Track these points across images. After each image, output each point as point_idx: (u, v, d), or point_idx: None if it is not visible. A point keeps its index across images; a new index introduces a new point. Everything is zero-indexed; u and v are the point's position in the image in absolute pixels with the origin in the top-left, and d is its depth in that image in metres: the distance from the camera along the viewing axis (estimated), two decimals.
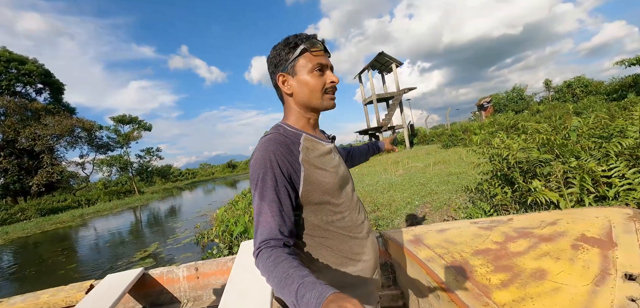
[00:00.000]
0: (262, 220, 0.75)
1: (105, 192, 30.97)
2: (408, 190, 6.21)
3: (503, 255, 1.30)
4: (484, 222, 1.72)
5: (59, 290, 2.29)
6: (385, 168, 10.53)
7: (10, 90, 29.58)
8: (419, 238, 1.66)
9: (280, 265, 0.65)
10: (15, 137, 27.22)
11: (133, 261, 6.21)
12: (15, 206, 24.23)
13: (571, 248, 1.23)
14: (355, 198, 0.96)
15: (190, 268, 2.43)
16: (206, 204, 14.94)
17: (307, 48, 0.85)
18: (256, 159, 0.80)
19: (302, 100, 0.89)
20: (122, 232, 11.26)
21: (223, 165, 77.75)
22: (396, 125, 25.85)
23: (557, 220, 1.51)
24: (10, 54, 29.33)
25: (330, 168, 0.87)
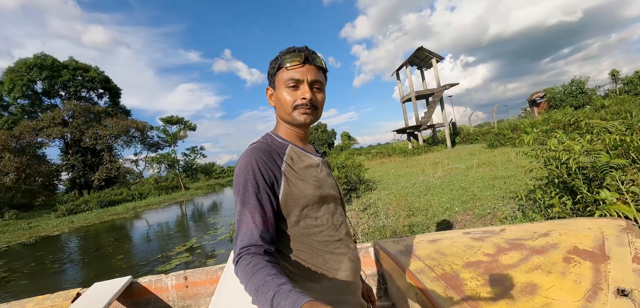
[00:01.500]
0: (243, 227, 0.76)
1: (155, 187, 33.41)
2: (447, 194, 5.76)
3: (494, 267, 1.28)
4: (477, 232, 1.70)
5: (45, 298, 2.26)
6: (423, 170, 9.96)
7: (77, 95, 33.36)
8: (410, 249, 1.64)
9: (259, 272, 0.66)
10: (81, 136, 30.47)
11: (172, 255, 6.49)
12: (80, 198, 27.08)
13: (563, 261, 1.21)
14: (340, 216, 0.95)
15: (179, 277, 2.39)
16: None
17: (281, 64, 0.87)
18: (239, 166, 0.81)
19: (280, 114, 0.92)
20: (169, 224, 12.12)
21: None
22: (436, 123, 24.56)
23: (550, 231, 1.49)
24: (77, 63, 33.04)
25: (312, 180, 0.87)
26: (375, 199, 6.58)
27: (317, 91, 0.90)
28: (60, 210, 22.74)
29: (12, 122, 29.80)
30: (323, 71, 0.93)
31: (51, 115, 29.48)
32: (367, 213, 5.53)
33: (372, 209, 5.81)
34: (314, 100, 0.88)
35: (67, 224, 17.33)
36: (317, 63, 0.90)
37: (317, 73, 0.90)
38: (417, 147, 23.07)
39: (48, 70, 30.82)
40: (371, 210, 5.70)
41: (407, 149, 23.77)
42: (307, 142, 1.01)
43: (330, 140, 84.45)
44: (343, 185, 6.90)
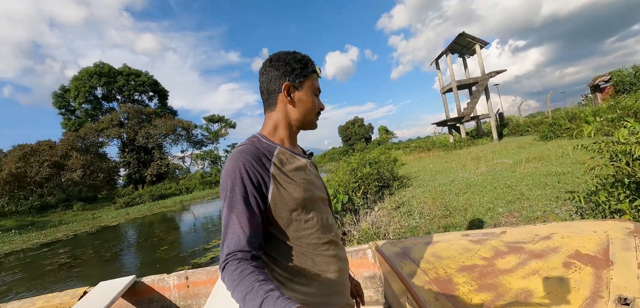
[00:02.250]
0: (230, 232, 0.75)
1: (201, 181, 35.51)
2: (490, 192, 5.23)
3: (489, 272, 1.25)
4: (477, 234, 1.65)
5: (54, 296, 2.35)
6: (463, 165, 9.27)
7: (131, 99, 36.71)
8: (407, 252, 1.61)
9: (246, 278, 0.66)
10: (134, 136, 33.39)
11: (208, 248, 6.75)
12: (135, 192, 29.69)
13: (563, 266, 1.16)
14: (328, 217, 0.95)
15: (181, 277, 2.44)
16: None
17: (316, 70, 0.94)
18: (226, 169, 0.79)
19: (297, 115, 0.92)
20: (213, 217, 12.86)
21: None
22: (481, 114, 22.87)
23: (552, 234, 1.44)
24: (129, 69, 36.35)
25: (301, 183, 0.87)
26: (409, 197, 6.22)
27: None
28: (119, 202, 25.14)
29: (78, 124, 33.60)
30: None
31: (110, 118, 32.68)
32: (399, 212, 5.23)
33: (405, 207, 5.48)
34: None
35: (124, 215, 19.08)
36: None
37: None
38: (459, 140, 21.70)
39: (106, 77, 34.28)
40: (404, 209, 5.38)
41: (448, 142, 22.47)
42: (296, 144, 1.01)
43: (367, 135, 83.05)
44: (375, 181, 6.60)
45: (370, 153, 8.69)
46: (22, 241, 13.63)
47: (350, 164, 6.97)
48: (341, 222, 5.50)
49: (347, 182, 6.16)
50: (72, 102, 34.89)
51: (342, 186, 6.07)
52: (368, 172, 6.61)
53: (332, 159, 69.36)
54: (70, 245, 11.16)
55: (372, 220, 5.35)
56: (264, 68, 0.93)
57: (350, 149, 72.76)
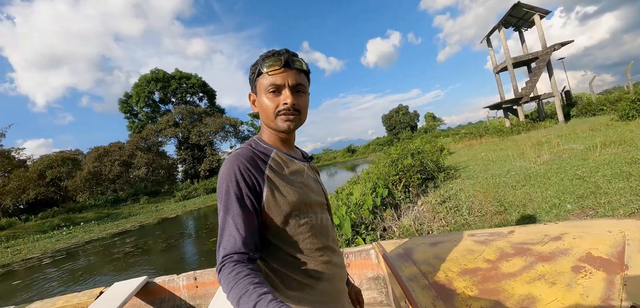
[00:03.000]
0: (226, 234, 0.76)
1: None
2: (556, 185, 4.51)
3: (492, 276, 1.17)
4: (483, 234, 1.59)
5: (73, 296, 2.48)
6: (521, 153, 8.25)
7: (183, 100, 39.70)
8: (409, 253, 1.57)
9: (241, 281, 0.66)
10: (188, 135, 36.06)
11: None
12: (191, 186, 32.11)
13: (572, 270, 1.07)
14: (325, 222, 0.94)
15: (190, 278, 2.51)
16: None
17: (261, 70, 0.86)
18: (222, 172, 0.80)
19: (263, 120, 0.90)
20: None
21: (343, 150, 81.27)
22: (543, 94, 20.38)
23: (563, 234, 1.35)
24: (181, 73, 39.37)
25: (297, 187, 0.86)
26: (456, 190, 5.69)
27: (299, 95, 0.87)
28: (177, 196, 27.46)
29: (140, 126, 37.33)
30: (305, 73, 0.90)
31: (166, 119, 35.72)
32: (445, 207, 4.79)
33: (452, 202, 5.02)
34: (296, 104, 0.86)
35: (181, 208, 20.77)
36: (298, 66, 0.87)
37: (299, 76, 0.87)
38: (516, 124, 19.63)
39: (161, 82, 37.58)
40: (451, 204, 4.92)
41: (503, 127, 20.48)
42: (293, 147, 0.99)
43: (412, 123, 79.69)
44: (418, 174, 6.16)
45: (412, 143, 8.14)
46: (99, 231, 15.52)
47: (390, 155, 6.59)
48: (381, 217, 5.24)
49: (387, 174, 5.84)
50: (134, 107, 38.85)
51: (382, 179, 5.76)
52: (409, 163, 6.19)
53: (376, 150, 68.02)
54: (136, 235, 12.39)
55: (415, 216, 4.99)
56: None
57: (394, 139, 70.52)
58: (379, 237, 4.54)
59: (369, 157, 58.05)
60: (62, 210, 25.35)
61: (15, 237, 17.75)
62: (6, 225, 20.39)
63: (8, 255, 12.59)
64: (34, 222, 21.73)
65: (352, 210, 5.20)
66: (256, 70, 0.88)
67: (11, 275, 8.67)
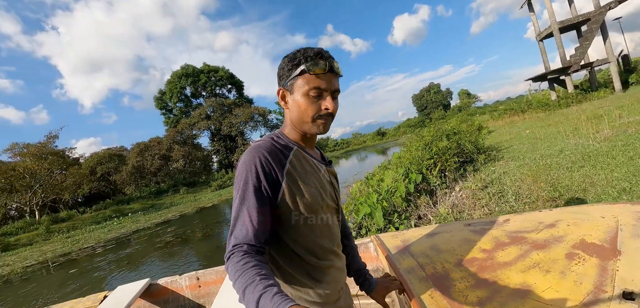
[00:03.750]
0: (239, 224, 0.76)
1: None
2: (623, 166, 3.88)
3: (488, 266, 1.17)
4: (478, 223, 1.59)
5: (77, 301, 2.48)
6: (575, 128, 7.37)
7: (213, 93, 40.94)
8: (407, 245, 1.58)
9: (248, 271, 0.66)
10: (220, 126, 37.26)
11: None
12: (226, 176, 33.38)
13: (565, 257, 1.09)
14: (334, 227, 0.96)
15: (192, 278, 2.52)
16: (352, 175, 15.46)
17: (306, 69, 0.83)
18: (243, 162, 0.80)
19: (294, 119, 0.89)
20: None
21: (373, 133, 79.99)
22: (595, 60, 18.24)
23: (557, 222, 1.36)
24: (209, 67, 40.59)
25: (314, 187, 0.87)
26: (500, 173, 5.20)
27: (335, 100, 0.87)
28: (213, 186, 28.69)
29: (175, 121, 39.13)
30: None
31: (198, 112, 37.14)
32: (487, 193, 4.38)
33: (495, 187, 4.58)
34: (334, 111, 0.86)
35: (217, 197, 21.65)
36: (339, 72, 0.88)
37: (337, 82, 0.88)
38: (564, 96, 17.84)
39: (191, 77, 38.99)
40: (494, 189, 4.49)
41: (549, 100, 18.72)
42: (314, 147, 1.00)
43: (444, 102, 76.00)
44: (454, 156, 5.71)
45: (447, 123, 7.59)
46: (145, 221, 16.64)
47: (423, 138, 6.17)
48: (415, 205, 4.95)
49: (420, 158, 5.48)
50: (168, 103, 40.79)
51: (415, 164, 5.42)
52: (445, 145, 5.75)
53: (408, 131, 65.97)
54: (177, 224, 13.08)
55: (453, 203, 4.64)
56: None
57: (426, 119, 67.91)
58: (413, 226, 4.28)
59: (399, 139, 56.49)
60: (113, 202, 27.57)
61: (75, 228, 19.61)
62: (66, 218, 22.58)
63: (68, 245, 13.91)
64: (89, 214, 23.84)
65: (383, 197, 4.96)
66: (296, 67, 0.83)
67: (70, 264, 9.52)
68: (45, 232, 18.89)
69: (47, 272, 9.21)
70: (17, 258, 13.51)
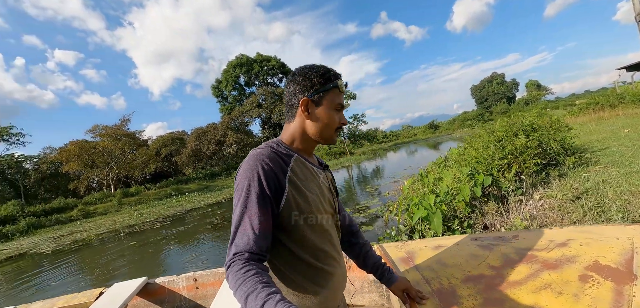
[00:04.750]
0: (240, 231, 0.76)
1: (327, 152, 37.98)
2: None
3: (496, 284, 1.14)
4: (487, 238, 1.56)
5: (72, 296, 2.49)
6: None
7: (265, 82, 42.25)
8: (411, 256, 1.56)
9: (249, 279, 0.66)
10: (270, 114, 38.33)
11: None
12: None
13: (579, 279, 1.04)
14: (333, 231, 0.97)
15: (190, 279, 2.51)
16: (402, 168, 14.62)
17: (337, 86, 0.90)
18: (244, 169, 0.81)
19: (314, 130, 0.91)
20: (339, 186, 13.41)
21: (425, 126, 76.11)
22: None
23: (569, 241, 1.32)
24: (262, 56, 41.84)
25: (314, 193, 0.88)
26: (597, 181, 4.17)
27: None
28: None
29: (229, 109, 41.25)
30: None
31: (251, 101, 38.63)
32: (581, 206, 3.49)
33: (592, 198, 3.65)
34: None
35: None
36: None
37: None
38: None
39: (245, 66, 40.57)
40: (591, 201, 3.57)
41: None
42: (312, 154, 1.01)
43: (509, 93, 68.60)
44: (535, 157, 4.75)
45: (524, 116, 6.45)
46: (199, 201, 17.74)
47: (494, 133, 5.27)
48: (481, 212, 4.23)
49: (489, 157, 4.67)
50: (224, 91, 43.10)
51: (483, 163, 4.63)
52: (522, 143, 4.82)
53: (464, 125, 61.10)
54: (226, 207, 13.61)
55: (531, 214, 3.82)
56: (287, 82, 0.94)
57: (486, 112, 62.23)
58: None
59: (454, 133, 52.70)
60: (173, 181, 30.12)
61: (141, 202, 21.76)
62: (135, 192, 25.21)
63: (134, 217, 15.39)
64: (153, 191, 26.32)
65: (442, 199, 4.32)
66: (328, 82, 0.89)
67: (133, 236, 10.39)
68: (117, 204, 21.27)
69: (113, 240, 10.18)
70: (94, 225, 15.32)
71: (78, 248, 10.14)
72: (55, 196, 25.58)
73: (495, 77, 71.53)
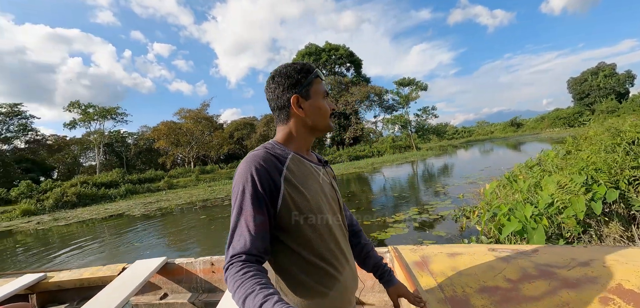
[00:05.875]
0: (237, 234, 0.76)
1: (391, 145, 36.57)
2: None
3: (512, 297, 1.11)
4: (505, 249, 1.54)
5: (98, 269, 2.66)
6: None
7: (332, 71, 42.17)
8: (425, 261, 1.55)
9: (247, 281, 0.66)
10: (336, 103, 38.25)
11: (390, 223, 6.05)
12: (336, 152, 34.39)
13: (599, 302, 1.00)
14: (338, 230, 0.93)
15: (206, 263, 2.56)
16: (478, 169, 12.99)
17: (318, 75, 0.92)
18: (239, 172, 0.81)
19: (312, 123, 0.92)
20: (401, 181, 12.95)
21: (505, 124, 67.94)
22: None
23: (592, 261, 1.28)
24: (330, 45, 41.79)
25: (312, 191, 0.86)
26: None
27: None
28: None
29: None
30: None
31: None
32: None
33: None
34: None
35: None
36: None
37: None
38: None
39: (313, 55, 41.07)
40: None
41: None
42: (310, 151, 1.00)
43: (621, 88, 56.22)
44: None
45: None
46: None
47: (622, 134, 4.02)
48: (598, 233, 3.30)
49: (615, 165, 3.57)
50: None
51: (605, 171, 3.57)
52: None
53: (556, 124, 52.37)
54: None
55: None
56: (268, 86, 0.93)
57: (586, 110, 52.24)
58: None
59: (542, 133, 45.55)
60: None
61: (214, 180, 23.88)
62: (210, 170, 27.87)
63: (208, 193, 16.87)
64: (225, 170, 28.80)
65: (542, 212, 3.46)
66: (312, 73, 0.91)
67: (204, 210, 11.29)
68: (195, 179, 23.75)
69: (190, 211, 11.20)
70: (175, 196, 17.29)
71: (161, 215, 11.45)
72: (148, 168, 30.13)
73: (603, 68, 59.48)
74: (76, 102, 31.47)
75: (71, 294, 2.78)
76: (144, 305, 2.59)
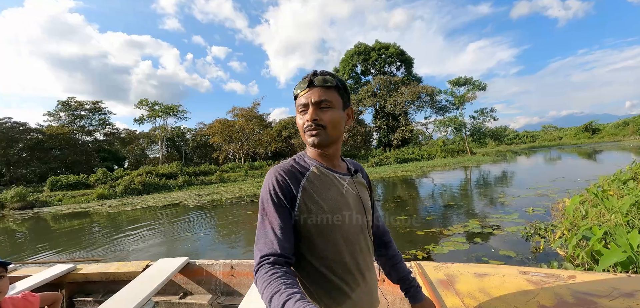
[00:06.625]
0: (263, 237, 0.80)
1: (442, 149, 34.43)
2: None
3: None
4: (538, 273, 1.44)
5: (123, 264, 2.76)
6: None
7: (381, 71, 41.20)
8: (451, 280, 1.48)
9: (275, 281, 0.68)
10: (384, 104, 37.25)
11: (447, 234, 5.45)
12: (384, 154, 33.39)
13: None
14: (358, 244, 0.91)
15: (226, 266, 2.57)
16: (547, 180, 11.38)
17: (294, 93, 0.93)
18: (264, 184, 0.87)
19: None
20: (452, 187, 11.94)
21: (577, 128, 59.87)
22: None
23: (636, 292, 1.16)
24: (380, 44, 40.90)
25: (330, 202, 0.87)
26: None
27: (323, 110, 0.88)
28: (370, 162, 29.34)
29: None
30: (335, 88, 0.90)
31: (366, 89, 38.49)
32: None
33: None
34: (318, 119, 0.87)
35: (373, 174, 21.68)
36: (319, 83, 0.88)
37: (323, 93, 0.88)
38: None
39: (362, 54, 40.45)
40: None
41: None
42: (336, 161, 0.98)
43: None
44: None
45: None
46: None
47: None
48: None
49: None
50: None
51: None
52: None
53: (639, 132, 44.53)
54: None
55: None
56: None
57: None
58: None
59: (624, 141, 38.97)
60: None
61: (262, 176, 24.68)
62: (258, 166, 28.90)
63: (256, 188, 17.40)
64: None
65: None
66: (294, 94, 0.92)
67: (252, 205, 11.58)
68: (244, 175, 24.80)
69: (238, 206, 11.57)
70: (225, 190, 18.14)
71: (213, 207, 12.02)
72: (203, 162, 32.40)
73: None
74: (144, 100, 35.32)
75: (97, 287, 2.89)
76: (165, 303, 2.65)
